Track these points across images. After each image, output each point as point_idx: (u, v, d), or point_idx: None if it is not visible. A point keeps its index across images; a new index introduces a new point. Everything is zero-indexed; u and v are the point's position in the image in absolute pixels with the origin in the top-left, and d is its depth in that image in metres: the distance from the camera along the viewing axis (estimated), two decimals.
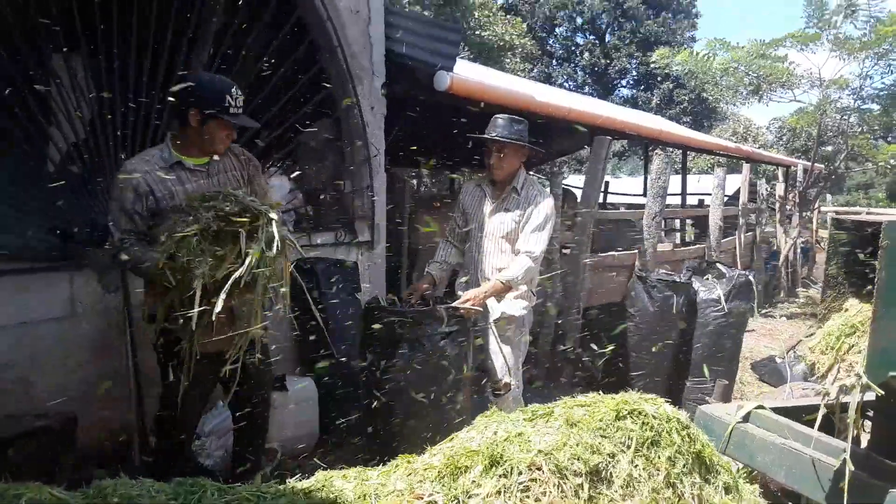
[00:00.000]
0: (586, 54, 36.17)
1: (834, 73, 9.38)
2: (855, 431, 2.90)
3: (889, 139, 9.88)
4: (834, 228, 2.55)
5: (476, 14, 18.49)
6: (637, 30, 34.02)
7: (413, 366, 3.11)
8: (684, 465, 2.04)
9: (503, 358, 3.61)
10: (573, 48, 36.97)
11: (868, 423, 2.84)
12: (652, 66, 11.64)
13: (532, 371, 5.34)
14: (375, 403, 3.07)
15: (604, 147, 5.69)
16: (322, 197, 4.88)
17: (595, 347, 4.89)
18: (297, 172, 4.83)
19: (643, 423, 2.01)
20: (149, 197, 2.70)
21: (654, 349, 4.60)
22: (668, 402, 2.22)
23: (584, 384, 5.13)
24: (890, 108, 9.20)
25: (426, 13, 15.77)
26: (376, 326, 3.10)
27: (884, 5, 8.60)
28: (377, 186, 5.03)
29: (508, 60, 19.14)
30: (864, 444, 2.89)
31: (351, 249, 4.80)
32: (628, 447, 1.96)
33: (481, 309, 3.38)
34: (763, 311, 8.35)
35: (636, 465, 1.93)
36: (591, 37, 36.81)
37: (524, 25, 22.25)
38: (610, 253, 6.06)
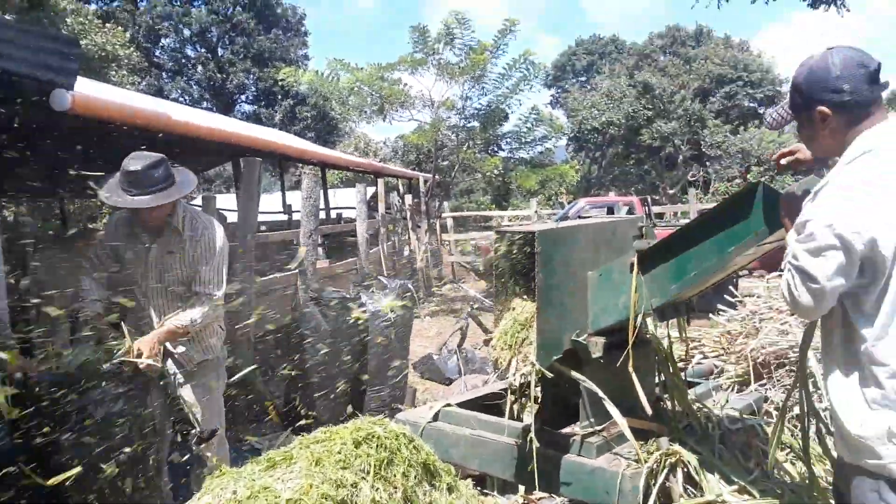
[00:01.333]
0: (200, 68, 34.98)
1: (442, 95, 10.75)
2: (520, 411, 3.40)
3: (490, 151, 11.74)
4: (496, 239, 2.92)
5: (69, 21, 16.44)
6: (250, 45, 34.12)
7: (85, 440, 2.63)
8: (415, 477, 2.13)
9: (202, 403, 3.29)
10: (184, 61, 35.40)
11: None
12: (280, 82, 11.83)
13: None
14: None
15: (255, 169, 5.58)
16: None
17: (273, 376, 4.77)
18: None
19: (378, 445, 2.04)
20: None
21: (333, 367, 4.67)
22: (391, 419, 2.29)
23: (269, 417, 4.96)
24: (488, 126, 10.92)
25: (7, 17, 13.41)
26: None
27: (474, 35, 10.13)
28: None
29: (114, 73, 17.46)
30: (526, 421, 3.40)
31: None
32: (368, 472, 1.96)
33: (157, 363, 2.99)
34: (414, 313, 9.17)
35: (377, 489, 1.95)
36: (203, 50, 35.75)
37: (126, 35, 20.54)
38: (271, 276, 5.97)
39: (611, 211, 11.80)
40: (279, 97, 32.21)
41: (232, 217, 6.00)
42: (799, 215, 1.80)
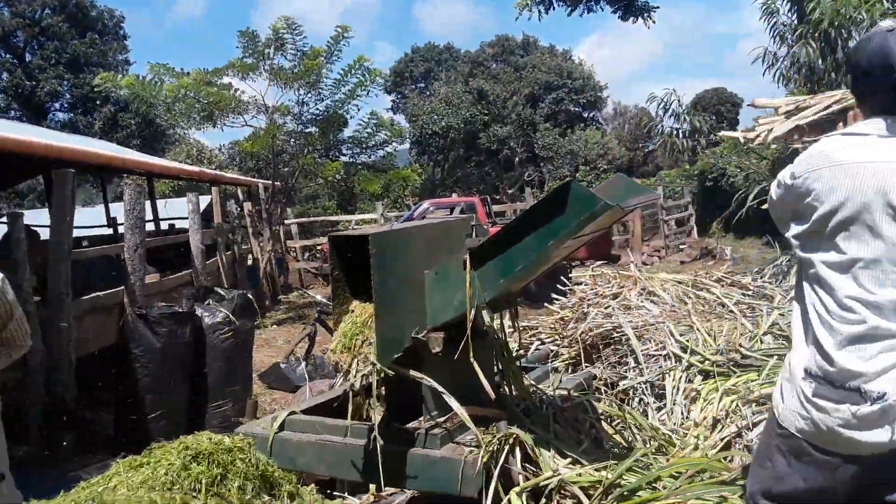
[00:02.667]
0: (5, 74, 31.52)
1: (276, 101, 10.50)
2: (369, 412, 3.41)
3: (330, 156, 11.61)
4: (331, 245, 2.91)
5: None
6: (63, 50, 31.24)
7: None
8: (253, 489, 2.07)
9: None
10: None
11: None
12: (95, 88, 10.96)
13: (22, 449, 4.49)
14: None
15: (67, 182, 5.14)
16: None
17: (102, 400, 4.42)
18: None
19: (209, 461, 1.96)
20: None
21: (168, 385, 4.41)
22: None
23: (98, 445, 4.58)
24: (327, 131, 10.80)
25: None
26: None
27: (306, 41, 10.00)
28: None
29: None
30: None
31: None
32: (199, 491, 1.88)
33: None
34: (255, 323, 8.83)
35: None
36: (8, 55, 32.26)
37: None
38: (95, 294, 5.51)
39: (453, 211, 12.14)
40: (98, 104, 29.71)
41: (46, 233, 5.47)
42: None
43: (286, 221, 13.38)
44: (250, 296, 4.98)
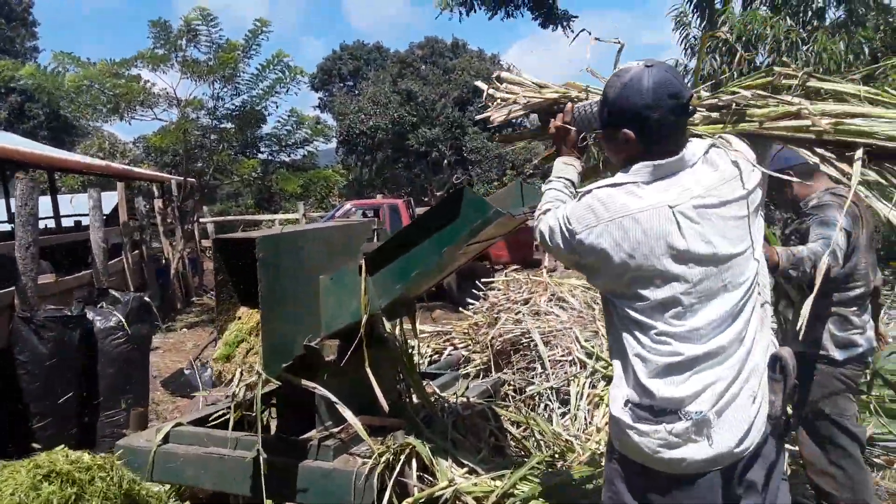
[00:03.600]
0: None
1: (189, 94, 10.09)
2: (265, 422, 3.28)
3: (247, 154, 11.26)
4: (216, 248, 2.78)
5: None
6: None
7: None
8: None
9: None
10: None
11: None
12: None
13: None
14: None
15: None
16: None
17: None
18: None
19: (64, 480, 1.81)
20: None
21: (56, 393, 4.14)
22: (87, 451, 2.05)
23: None
24: (244, 127, 10.47)
25: None
26: None
27: (223, 34, 9.66)
28: None
29: None
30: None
31: None
32: None
33: None
34: (165, 326, 8.46)
35: None
36: None
37: None
38: None
39: (376, 212, 12.00)
40: (3, 92, 27.95)
41: None
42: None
43: (202, 220, 12.91)
44: (148, 298, 4.72)
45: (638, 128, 1.70)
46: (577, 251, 1.74)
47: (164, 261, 10.51)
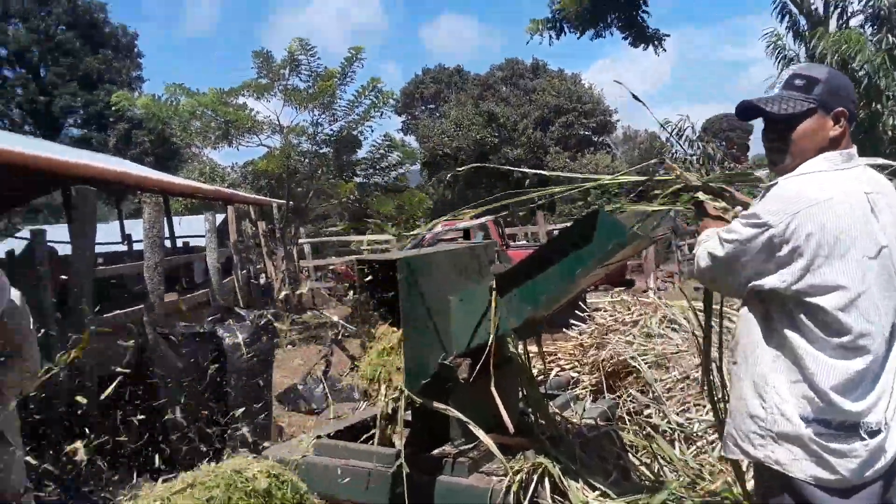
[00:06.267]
0: (20, 90, 31.93)
1: (291, 121, 10.58)
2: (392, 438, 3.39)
3: (344, 177, 11.67)
4: (358, 269, 2.91)
5: None
6: (77, 66, 31.66)
7: None
8: None
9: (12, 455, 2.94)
10: (1, 82, 32.17)
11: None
12: (112, 107, 11.11)
13: (43, 466, 4.48)
14: None
15: (88, 200, 5.18)
16: None
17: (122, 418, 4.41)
18: None
19: (249, 489, 1.95)
20: None
21: (189, 406, 4.40)
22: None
23: (118, 463, 4.56)
24: (341, 151, 10.88)
25: None
26: None
27: (321, 62, 10.11)
28: None
29: None
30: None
31: None
32: None
33: None
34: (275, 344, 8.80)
35: None
36: (22, 70, 32.70)
37: None
38: (115, 312, 5.53)
39: (466, 233, 12.13)
40: (112, 120, 30.02)
41: (64, 249, 5.51)
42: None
43: (299, 241, 13.42)
44: (270, 316, 4.97)
45: (850, 110, 1.74)
46: (764, 240, 1.70)
47: (266, 280, 10.97)
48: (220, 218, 11.40)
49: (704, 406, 4.04)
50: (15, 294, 2.80)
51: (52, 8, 31.87)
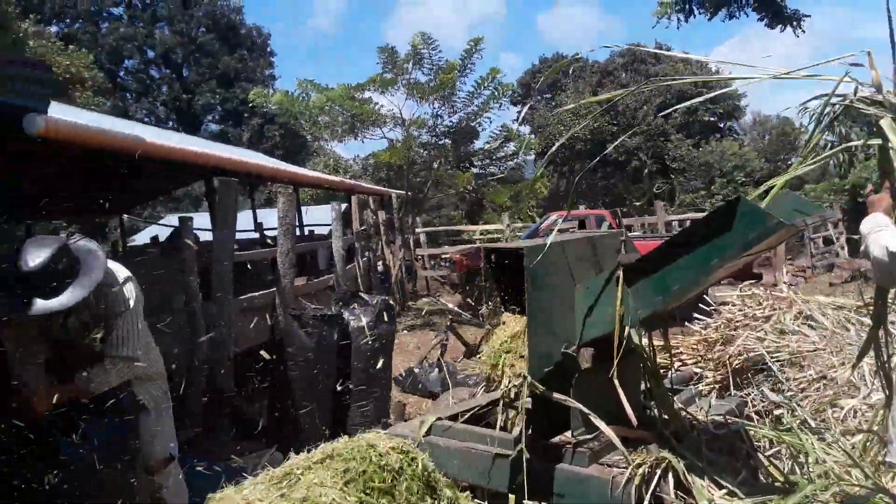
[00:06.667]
0: (165, 88, 34.70)
1: (412, 114, 10.85)
2: (511, 423, 3.43)
3: (461, 168, 11.85)
4: (486, 257, 2.97)
5: (31, 44, 16.26)
6: (215, 65, 33.96)
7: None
8: (418, 491, 2.14)
9: (154, 428, 3.23)
10: (149, 82, 35.09)
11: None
12: (250, 104, 11.85)
13: (185, 435, 4.90)
14: None
15: (231, 191, 5.56)
16: None
17: (254, 393, 4.73)
18: None
19: (381, 464, 2.05)
20: None
21: (317, 384, 4.66)
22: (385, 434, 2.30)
23: (251, 435, 4.91)
24: (459, 143, 11.03)
25: None
26: None
27: (441, 55, 10.27)
28: None
29: (79, 94, 17.27)
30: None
31: None
32: (372, 490, 1.97)
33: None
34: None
35: None
36: (167, 70, 35.49)
37: (90, 56, 20.33)
38: (251, 294, 5.93)
39: (582, 224, 11.94)
40: (246, 116, 32.03)
41: (205, 237, 5.96)
42: None
43: (416, 230, 13.76)
44: (391, 301, 5.16)
45: None
46: None
47: (384, 268, 11.34)
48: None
49: (842, 408, 3.79)
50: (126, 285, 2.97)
51: (194, 12, 34.34)
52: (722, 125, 32.74)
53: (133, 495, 2.80)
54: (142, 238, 15.82)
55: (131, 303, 3.01)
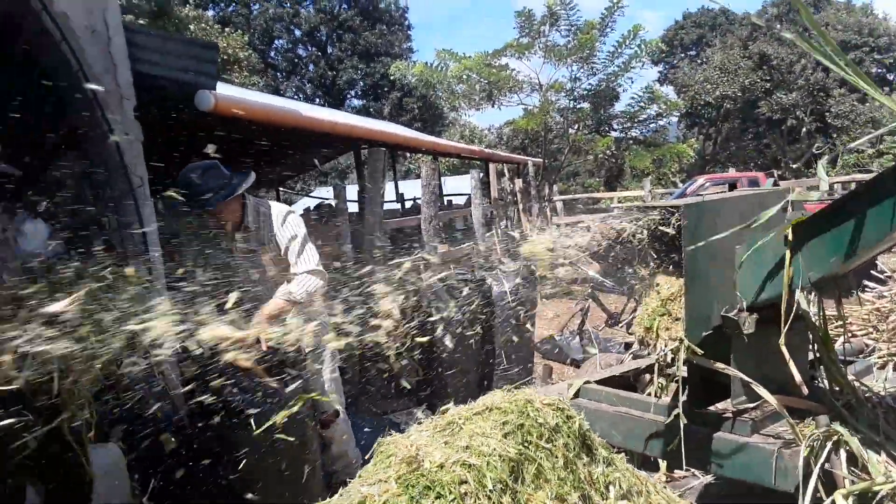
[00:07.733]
0: (311, 66, 36.39)
1: (549, 79, 10.66)
2: (663, 389, 3.35)
3: (601, 132, 11.51)
4: (641, 216, 2.88)
5: (192, 27, 17.58)
6: (357, 41, 35.09)
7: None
8: (574, 447, 2.16)
9: (325, 383, 3.46)
10: (297, 60, 36.94)
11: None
12: (390, 77, 12.16)
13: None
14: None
15: (380, 159, 5.77)
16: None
17: (406, 354, 4.93)
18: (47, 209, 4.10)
19: (538, 420, 2.08)
20: None
21: (464, 346, 4.78)
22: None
23: (396, 393, 5.15)
24: (599, 106, 10.71)
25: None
26: None
27: (580, 14, 9.96)
28: (146, 218, 4.48)
29: (237, 75, 18.52)
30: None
31: None
32: (530, 442, 2.01)
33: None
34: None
35: (541, 457, 2.00)
36: (313, 48, 37.14)
37: (244, 38, 21.69)
38: (397, 260, 6.15)
39: (732, 187, 11.25)
40: (386, 90, 32.96)
41: (353, 207, 6.26)
42: None
43: (553, 198, 13.60)
44: (533, 267, 5.16)
45: None
46: None
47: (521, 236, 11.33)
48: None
49: None
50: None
51: None
52: (892, 77, 29.35)
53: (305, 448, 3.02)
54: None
55: (301, 230, 3.36)
